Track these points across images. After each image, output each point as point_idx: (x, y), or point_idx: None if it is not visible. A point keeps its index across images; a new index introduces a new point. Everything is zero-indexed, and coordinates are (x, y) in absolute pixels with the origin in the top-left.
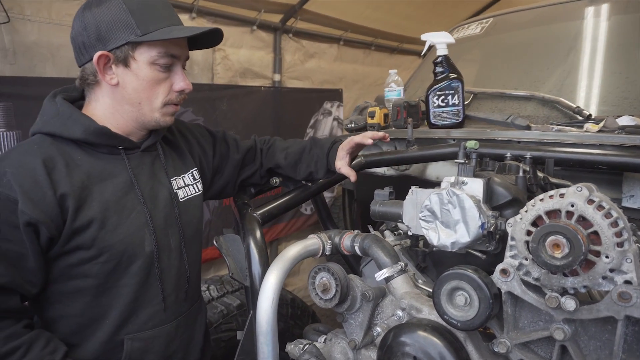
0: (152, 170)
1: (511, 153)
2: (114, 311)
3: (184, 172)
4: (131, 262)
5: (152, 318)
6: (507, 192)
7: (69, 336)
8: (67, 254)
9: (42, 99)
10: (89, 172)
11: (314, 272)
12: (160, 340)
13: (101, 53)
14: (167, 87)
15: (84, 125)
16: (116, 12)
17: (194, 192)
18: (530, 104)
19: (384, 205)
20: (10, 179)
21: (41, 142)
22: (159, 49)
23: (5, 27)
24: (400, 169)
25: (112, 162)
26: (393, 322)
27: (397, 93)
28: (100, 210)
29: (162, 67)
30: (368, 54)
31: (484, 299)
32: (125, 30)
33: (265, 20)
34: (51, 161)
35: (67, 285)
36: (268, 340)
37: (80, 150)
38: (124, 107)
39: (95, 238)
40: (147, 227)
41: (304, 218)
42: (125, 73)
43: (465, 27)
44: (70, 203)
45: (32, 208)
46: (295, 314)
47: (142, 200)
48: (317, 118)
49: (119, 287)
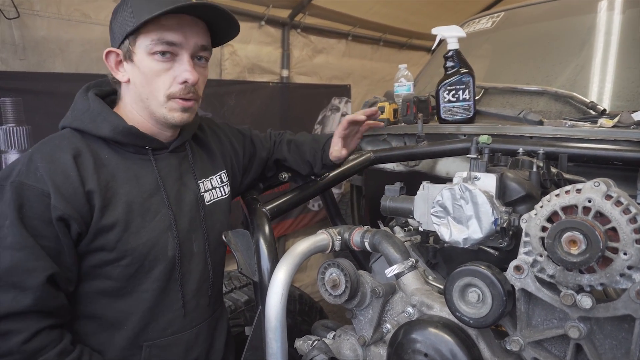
0: (179, 171)
1: (524, 148)
2: (134, 316)
3: (212, 174)
4: (153, 267)
5: (172, 324)
6: (521, 188)
7: (88, 338)
8: (90, 254)
9: (52, 94)
10: (114, 173)
11: (323, 268)
12: (179, 348)
13: (108, 50)
14: (168, 79)
15: (112, 124)
16: (124, 8)
17: (220, 195)
18: (542, 99)
19: (394, 201)
20: (43, 174)
21: (71, 137)
22: (152, 36)
23: (15, 23)
24: (410, 164)
25: (139, 162)
26: (403, 318)
27: (407, 88)
28: (124, 212)
29: (162, 56)
30: (376, 49)
31: (497, 296)
32: (125, 23)
33: (274, 16)
34: (80, 157)
35: (89, 286)
36: (277, 336)
37: (108, 149)
38: (138, 104)
39: (119, 240)
40: (170, 231)
41: (312, 214)
42: (132, 68)
43: (475, 22)
44: (96, 201)
45: (64, 203)
46: (303, 310)
47: (168, 203)
48: (325, 114)
49: (139, 291)
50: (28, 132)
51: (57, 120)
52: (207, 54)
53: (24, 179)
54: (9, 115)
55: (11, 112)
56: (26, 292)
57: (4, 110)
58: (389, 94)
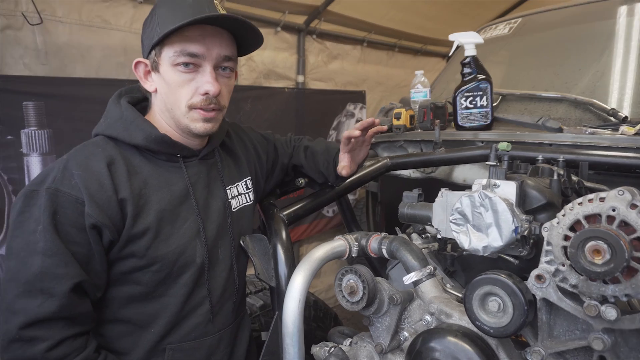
0: (208, 178)
1: (543, 156)
2: (161, 320)
3: (238, 181)
4: (182, 272)
5: (196, 329)
6: (542, 196)
7: (114, 341)
8: (121, 261)
9: (72, 99)
10: (147, 180)
11: (340, 274)
12: (201, 352)
13: (137, 60)
14: (190, 90)
15: (145, 132)
16: (151, 19)
17: (246, 202)
18: (561, 106)
19: (412, 208)
20: (77, 181)
21: (104, 144)
22: (175, 47)
23: (38, 29)
24: (426, 171)
25: (170, 169)
26: (421, 326)
27: (424, 94)
28: (156, 219)
29: (184, 67)
30: (391, 55)
31: (518, 306)
32: (152, 34)
33: (289, 22)
34: (114, 165)
35: (118, 291)
36: (294, 341)
37: (140, 156)
38: (165, 113)
39: (149, 247)
40: (198, 238)
41: (326, 220)
42: (159, 78)
43: (492, 28)
44: (129, 209)
45: (98, 211)
46: (317, 316)
47: (197, 210)
48: (340, 120)
49: (167, 296)
50: (49, 136)
51: (78, 123)
52: (231, 64)
53: (59, 185)
54: (31, 119)
55: (33, 116)
56: (53, 298)
57: (27, 114)
58: (405, 100)
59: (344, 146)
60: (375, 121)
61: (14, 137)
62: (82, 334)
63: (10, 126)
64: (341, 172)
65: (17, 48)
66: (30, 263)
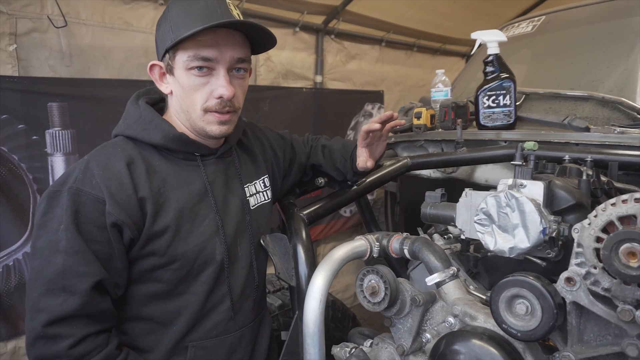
0: (226, 176)
1: (570, 156)
2: (182, 317)
3: (255, 179)
4: (202, 270)
5: (217, 326)
6: (570, 197)
7: (137, 339)
8: (142, 259)
9: (95, 100)
10: (165, 179)
11: (362, 275)
12: (223, 350)
13: (152, 63)
14: (205, 94)
15: (163, 132)
16: (163, 22)
17: (263, 200)
18: (588, 105)
19: (435, 208)
20: (98, 181)
21: (124, 144)
22: (189, 52)
23: (62, 31)
24: (447, 171)
25: (188, 168)
26: (444, 328)
27: (445, 93)
28: (175, 217)
29: (199, 70)
30: (410, 55)
31: (547, 309)
32: (165, 37)
33: (308, 22)
34: (133, 164)
35: (140, 289)
36: (315, 342)
37: (159, 156)
38: (181, 115)
39: (169, 245)
40: (218, 236)
41: (343, 220)
42: (173, 81)
43: (515, 26)
44: (148, 208)
45: (119, 210)
46: (336, 316)
47: (215, 208)
48: (358, 120)
49: (188, 293)
50: (72, 136)
51: (99, 124)
52: (245, 65)
53: (80, 185)
54: (56, 119)
55: (57, 117)
56: (75, 296)
57: (51, 115)
58: (425, 99)
59: (362, 140)
60: (394, 115)
61: (39, 137)
62: (104, 331)
63: (35, 127)
64: (359, 166)
65: (43, 50)
66: (53, 262)
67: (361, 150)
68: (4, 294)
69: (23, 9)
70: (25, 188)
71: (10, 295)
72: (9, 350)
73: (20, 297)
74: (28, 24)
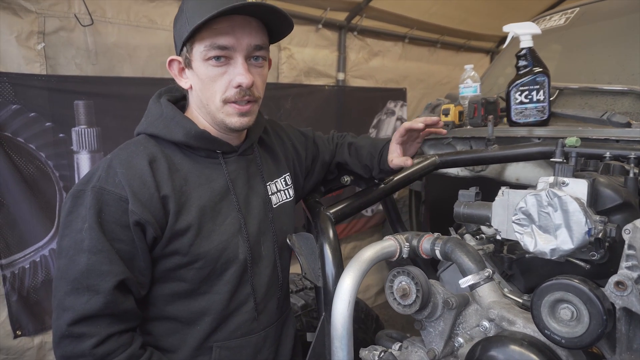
0: (247, 174)
1: (611, 153)
2: (207, 317)
3: (277, 177)
4: (225, 269)
5: (242, 327)
6: (617, 195)
7: (162, 338)
8: (165, 258)
9: (120, 97)
10: (187, 177)
11: (392, 276)
12: (248, 351)
13: (170, 59)
14: (224, 84)
15: (185, 129)
16: (180, 16)
17: (286, 198)
18: (627, 99)
19: (469, 207)
20: (121, 179)
21: (146, 142)
22: (205, 42)
23: (89, 30)
24: (476, 169)
25: (210, 166)
26: (477, 333)
27: (474, 89)
28: (197, 215)
29: (216, 60)
30: (433, 52)
31: (595, 315)
32: (182, 31)
33: (331, 19)
34: (155, 162)
35: (164, 288)
36: (343, 344)
37: (181, 154)
38: (201, 109)
39: (192, 244)
40: (240, 234)
41: (365, 219)
42: (192, 75)
43: (546, 19)
44: (171, 206)
45: (141, 208)
46: (359, 317)
47: (238, 206)
48: (380, 118)
49: (212, 293)
50: (98, 134)
51: (124, 121)
52: (263, 52)
53: (104, 184)
54: (82, 117)
55: (83, 115)
56: (98, 295)
57: (77, 113)
58: (452, 95)
59: (399, 137)
60: (440, 122)
61: (65, 135)
62: (128, 330)
63: (62, 125)
64: (392, 163)
65: (70, 49)
66: (77, 261)
67: (395, 146)
68: (31, 290)
69: (51, 7)
70: (52, 185)
71: (37, 291)
72: (36, 345)
73: (46, 293)
74: (56, 23)
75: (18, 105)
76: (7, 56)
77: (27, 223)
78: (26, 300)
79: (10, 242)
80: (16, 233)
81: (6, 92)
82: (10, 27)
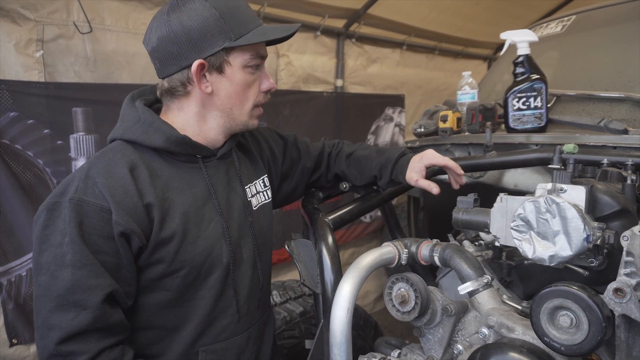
0: (227, 178)
1: (609, 159)
2: (191, 323)
3: (255, 179)
4: (209, 274)
5: (226, 330)
6: (615, 202)
7: (147, 347)
8: (150, 267)
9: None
10: (168, 183)
11: (390, 282)
12: (232, 352)
13: (200, 62)
14: (256, 89)
15: (165, 134)
16: (206, 17)
17: (264, 200)
18: (624, 106)
19: (468, 213)
20: (102, 190)
21: (124, 149)
22: (251, 51)
23: (87, 37)
24: (474, 175)
25: (190, 171)
26: (477, 340)
27: (471, 96)
28: (181, 222)
29: (254, 69)
30: (431, 58)
31: (594, 322)
32: (220, 36)
33: (329, 26)
34: (136, 170)
35: (148, 299)
36: (342, 351)
37: (160, 159)
38: (212, 113)
39: (177, 251)
40: (224, 238)
41: (363, 226)
42: (220, 80)
43: (543, 26)
44: (155, 214)
45: (126, 218)
46: (357, 324)
47: (220, 210)
48: (379, 124)
49: (196, 299)
50: (96, 141)
51: None
52: None
53: (82, 195)
54: (80, 124)
55: (81, 122)
56: (86, 310)
57: (75, 120)
58: (450, 102)
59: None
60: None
61: (64, 142)
62: (118, 344)
63: (60, 132)
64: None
65: (68, 56)
66: (61, 276)
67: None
68: (28, 298)
69: (50, 15)
70: (49, 192)
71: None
72: (32, 354)
73: None
74: (54, 31)
75: (16, 112)
76: (6, 63)
77: (24, 230)
78: (22, 308)
79: (7, 249)
80: (13, 240)
81: (4, 100)
82: (9, 34)
